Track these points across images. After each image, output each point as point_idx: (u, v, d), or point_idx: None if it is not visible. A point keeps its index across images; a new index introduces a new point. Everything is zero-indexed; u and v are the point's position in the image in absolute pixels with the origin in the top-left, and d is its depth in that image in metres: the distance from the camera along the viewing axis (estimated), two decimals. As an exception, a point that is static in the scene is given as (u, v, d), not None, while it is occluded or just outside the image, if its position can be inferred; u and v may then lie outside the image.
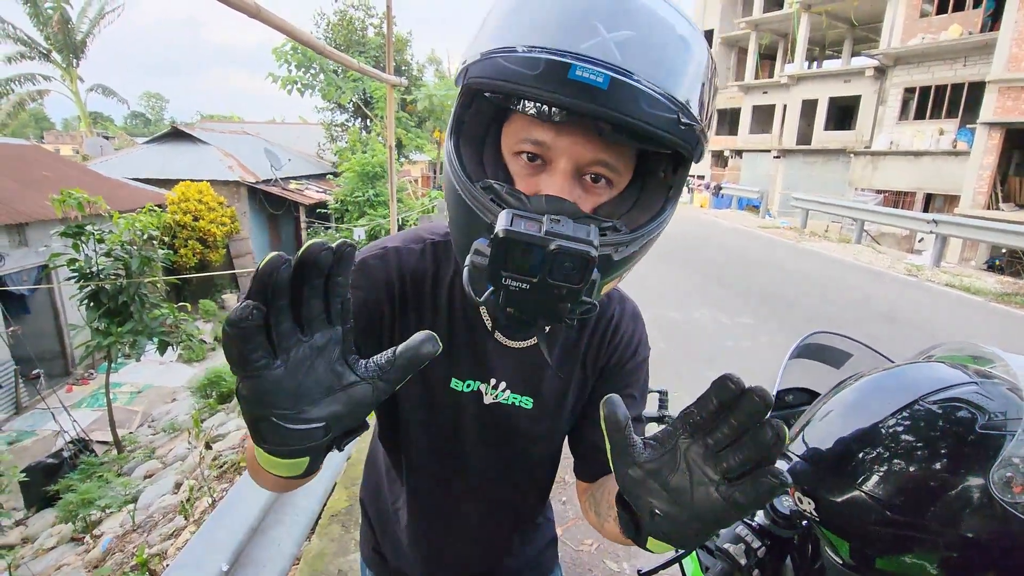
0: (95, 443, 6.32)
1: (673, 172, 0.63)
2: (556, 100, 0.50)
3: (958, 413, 0.65)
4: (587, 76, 0.48)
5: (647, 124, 0.50)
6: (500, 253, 0.48)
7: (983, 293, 6.99)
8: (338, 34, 16.51)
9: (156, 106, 65.78)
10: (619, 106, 0.49)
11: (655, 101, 0.50)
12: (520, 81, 0.51)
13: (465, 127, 0.61)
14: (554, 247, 0.47)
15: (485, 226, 0.55)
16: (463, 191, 0.57)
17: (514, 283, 0.50)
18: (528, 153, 0.58)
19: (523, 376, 0.75)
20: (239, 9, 1.73)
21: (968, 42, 13.67)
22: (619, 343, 0.78)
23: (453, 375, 0.74)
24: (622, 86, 0.49)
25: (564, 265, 0.48)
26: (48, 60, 20.48)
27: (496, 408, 0.76)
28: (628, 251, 0.57)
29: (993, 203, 12.27)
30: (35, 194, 8.45)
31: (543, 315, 0.53)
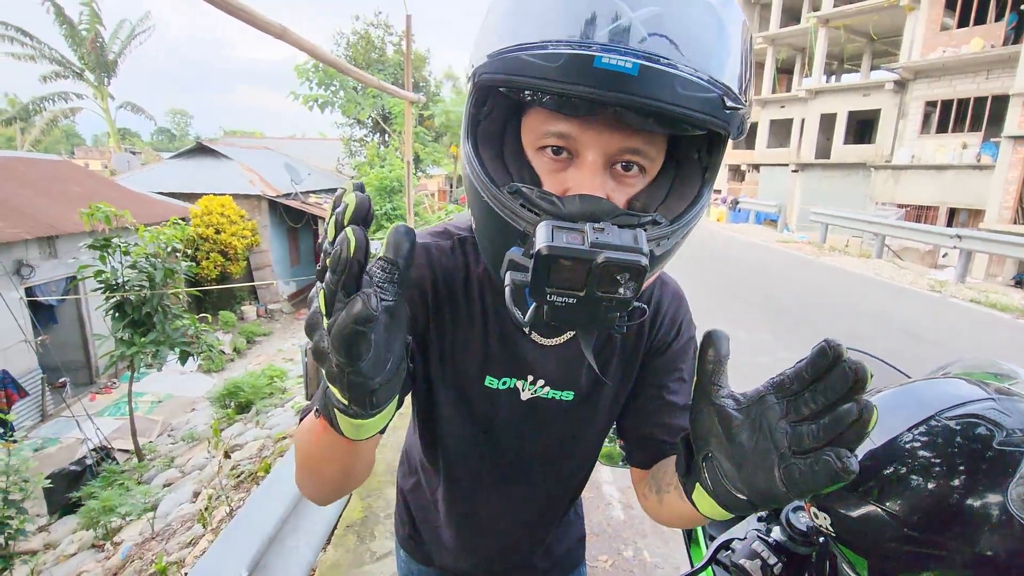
0: (117, 451, 6.44)
1: (708, 152, 0.59)
2: (581, 92, 0.45)
3: (976, 429, 0.65)
4: (614, 63, 0.44)
5: (686, 109, 0.46)
6: (544, 270, 0.45)
7: (1010, 310, 6.82)
8: (357, 52, 16.91)
9: (181, 122, 67.64)
10: (654, 92, 0.44)
11: (694, 84, 0.45)
12: (540, 75, 0.46)
13: (481, 126, 0.57)
14: (602, 260, 0.43)
15: (518, 234, 0.51)
16: (490, 198, 0.53)
17: (560, 299, 0.46)
18: (553, 147, 0.54)
19: (562, 372, 0.72)
20: (265, 31, 1.79)
21: (991, 55, 13.50)
22: (661, 325, 0.75)
23: (487, 373, 0.72)
24: (655, 70, 0.44)
25: (614, 277, 0.44)
26: (81, 79, 21.25)
27: (534, 403, 0.74)
28: (670, 244, 0.55)
29: (1020, 218, 12.01)
30: (65, 208, 8.73)
31: (592, 326, 0.49)
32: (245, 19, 1.62)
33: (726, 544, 0.98)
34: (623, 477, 2.87)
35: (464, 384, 0.73)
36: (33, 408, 7.79)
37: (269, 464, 3.41)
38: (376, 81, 3.64)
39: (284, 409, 5.76)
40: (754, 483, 0.41)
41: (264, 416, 5.85)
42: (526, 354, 0.71)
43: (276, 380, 7.10)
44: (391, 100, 15.33)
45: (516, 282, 0.48)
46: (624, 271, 0.44)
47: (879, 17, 17.43)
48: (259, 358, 10.26)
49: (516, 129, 0.58)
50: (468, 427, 0.76)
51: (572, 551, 1.01)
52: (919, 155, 15.18)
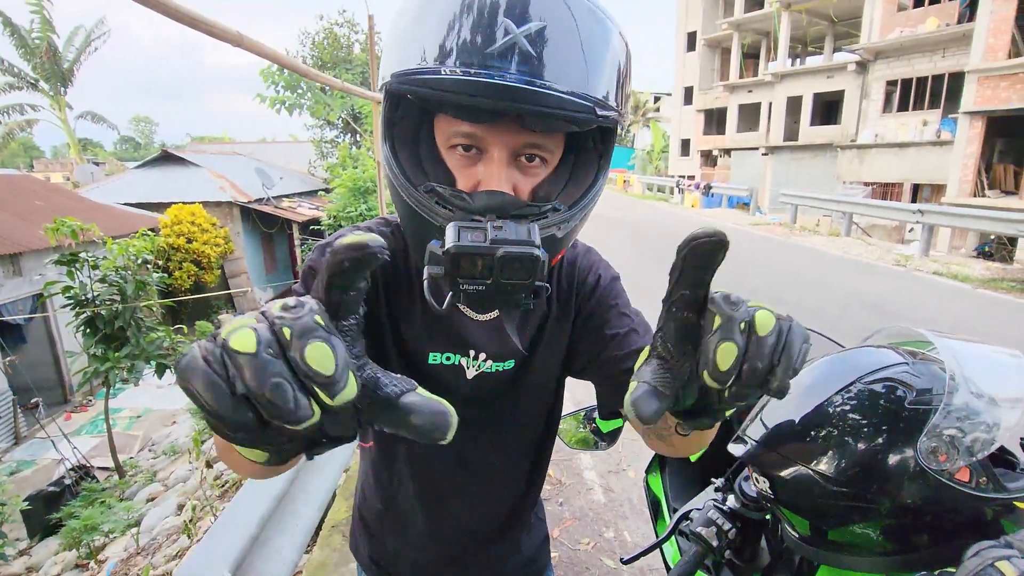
0: (96, 469, 6.32)
1: (602, 141, 0.67)
2: (477, 104, 0.52)
3: (892, 392, 0.71)
4: (504, 76, 0.51)
5: (569, 111, 0.53)
6: (453, 265, 0.52)
7: (970, 280, 7.08)
8: (324, 52, 16.65)
9: (146, 130, 65.90)
10: (539, 100, 0.52)
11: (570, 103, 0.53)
12: (440, 87, 0.53)
13: (396, 129, 0.63)
14: (501, 253, 0.51)
15: (435, 228, 0.58)
16: (409, 197, 0.60)
17: (471, 287, 0.53)
18: (463, 145, 0.60)
19: (500, 343, 0.77)
20: (222, 39, 1.79)
21: (946, 34, 13.89)
22: (579, 278, 0.80)
23: (430, 350, 0.76)
24: (539, 83, 0.52)
25: (513, 267, 0.51)
26: (36, 89, 20.55)
27: (480, 378, 0.78)
28: (570, 226, 0.62)
29: (979, 190, 12.43)
30: (28, 224, 8.48)
31: (501, 306, 0.58)
32: (201, 28, 1.62)
33: (687, 515, 1.04)
34: (603, 461, 2.94)
35: (408, 362, 0.77)
36: (5, 431, 7.60)
37: (253, 471, 3.40)
38: (339, 83, 3.62)
39: (266, 416, 5.71)
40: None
41: (246, 424, 5.79)
42: (464, 329, 0.76)
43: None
44: (361, 100, 15.16)
45: (432, 275, 0.54)
46: (520, 262, 0.51)
47: (839, 0, 17.79)
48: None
49: (429, 129, 0.64)
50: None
51: (539, 551, 1.02)
52: (882, 134, 15.58)
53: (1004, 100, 11.62)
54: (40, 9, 18.68)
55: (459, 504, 0.88)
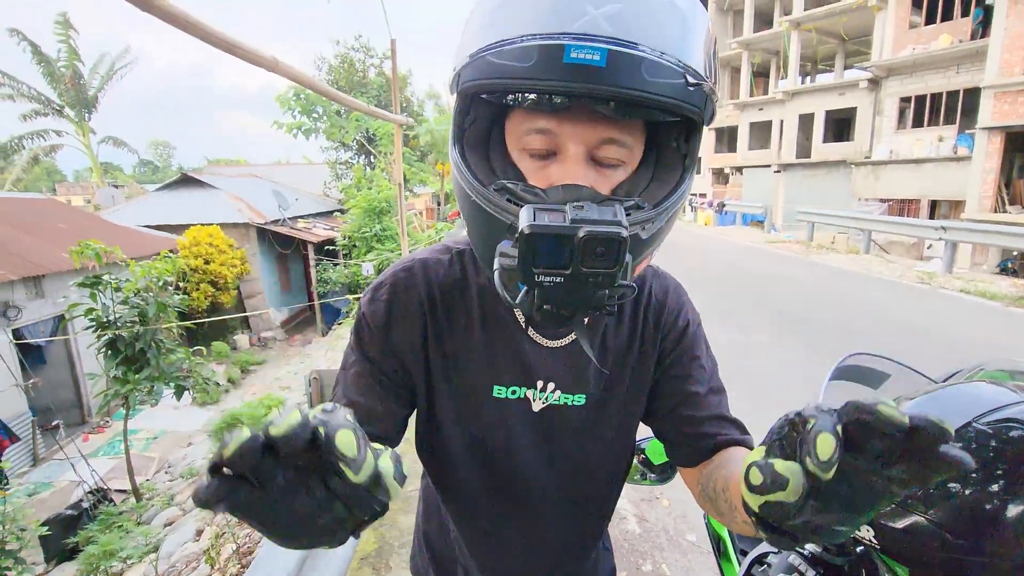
0: (113, 492, 6.30)
1: (686, 140, 0.61)
2: (555, 87, 0.49)
3: (1011, 433, 0.65)
4: (583, 57, 0.47)
5: (653, 94, 0.49)
6: (529, 250, 0.46)
7: (999, 298, 6.91)
8: (340, 76, 17.00)
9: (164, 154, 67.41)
10: (621, 80, 0.48)
11: (658, 67, 0.49)
12: (515, 75, 0.50)
13: (467, 134, 0.61)
14: (583, 234, 0.45)
15: (506, 227, 0.54)
16: (477, 196, 0.56)
17: (547, 278, 0.47)
18: (535, 148, 0.57)
19: (571, 373, 0.72)
20: (258, 64, 1.80)
21: (959, 50, 13.85)
22: (668, 319, 0.76)
23: (495, 383, 0.71)
24: (621, 59, 0.48)
25: (596, 251, 0.46)
26: (61, 116, 21.14)
27: (547, 412, 0.72)
28: (655, 227, 0.56)
29: (1000, 206, 12.24)
30: (51, 246, 8.63)
31: (581, 306, 0.50)
32: (238, 54, 1.63)
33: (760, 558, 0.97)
34: (636, 489, 2.85)
35: (472, 396, 0.72)
36: (24, 453, 7.62)
37: (274, 497, 3.34)
38: (364, 106, 3.66)
39: (284, 439, 5.67)
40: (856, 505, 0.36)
41: (264, 447, 5.75)
42: (532, 358, 0.71)
43: (273, 409, 7.01)
44: (375, 122, 15.39)
45: (504, 266, 0.49)
46: (605, 244, 0.45)
47: (849, 18, 17.85)
48: (254, 387, 10.14)
49: (500, 134, 0.61)
50: (479, 445, 0.74)
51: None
52: (897, 150, 15.46)
53: (1022, 115, 11.50)
54: (67, 39, 19.33)
55: (520, 543, 0.82)
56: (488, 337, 0.71)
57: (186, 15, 1.34)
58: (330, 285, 13.51)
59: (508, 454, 0.74)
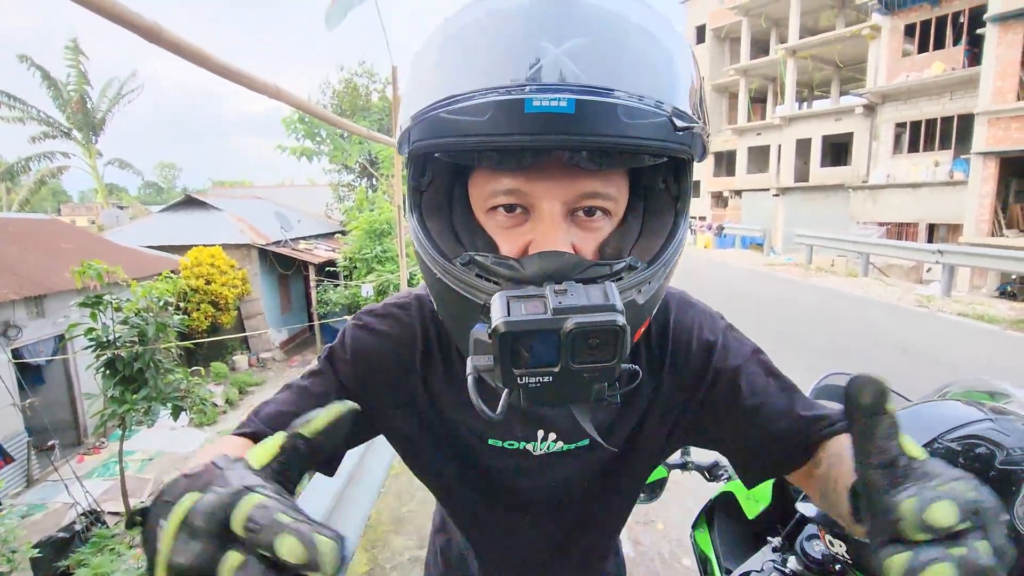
0: (107, 514, 6.23)
1: (675, 180, 0.54)
2: (518, 143, 0.42)
3: (977, 450, 0.67)
4: (546, 105, 0.40)
5: (635, 138, 0.42)
6: (505, 351, 0.39)
7: (997, 321, 6.92)
8: (343, 100, 17.30)
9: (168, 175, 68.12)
10: (596, 128, 0.41)
11: (637, 111, 0.42)
12: (471, 132, 0.42)
13: (425, 197, 0.53)
14: (571, 327, 0.38)
15: (479, 308, 0.46)
16: (443, 273, 0.49)
17: (532, 380, 0.40)
18: (504, 205, 0.49)
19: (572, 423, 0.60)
20: (261, 92, 1.85)
21: (952, 78, 14.11)
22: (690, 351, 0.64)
23: (491, 436, 0.64)
24: (593, 105, 0.40)
25: (589, 344, 0.38)
26: (69, 138, 21.47)
27: (547, 458, 0.66)
28: (652, 288, 0.49)
29: (997, 230, 12.32)
30: (54, 266, 8.69)
31: (578, 401, 0.43)
32: (242, 82, 1.68)
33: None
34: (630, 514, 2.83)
35: (465, 444, 0.66)
36: (18, 474, 7.55)
37: (268, 519, 3.32)
38: (365, 131, 3.74)
39: (280, 460, 5.63)
40: None
41: (260, 469, 5.70)
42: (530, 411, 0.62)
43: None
44: (377, 145, 15.61)
45: (479, 368, 0.43)
46: (599, 335, 0.38)
47: (843, 46, 18.23)
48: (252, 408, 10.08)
49: (463, 195, 0.54)
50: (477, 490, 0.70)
51: None
52: (894, 174, 15.63)
53: (1016, 141, 11.66)
54: (76, 64, 19.75)
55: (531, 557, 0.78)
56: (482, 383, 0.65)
57: (193, 46, 1.39)
58: (330, 306, 13.54)
59: (508, 493, 0.69)
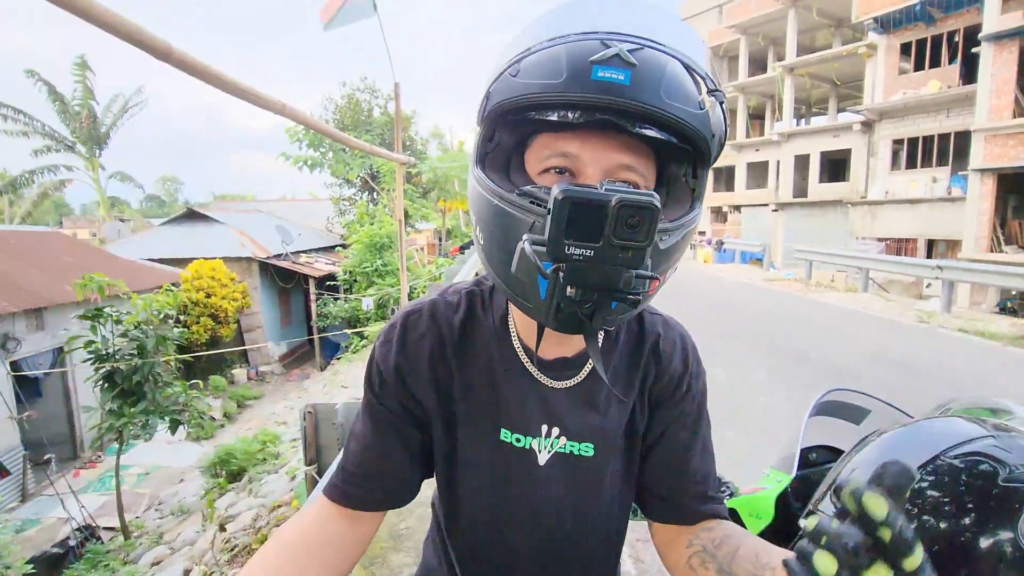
0: (101, 529, 6.16)
1: (693, 176, 0.63)
2: (583, 100, 0.52)
3: (980, 467, 0.67)
4: (607, 76, 0.50)
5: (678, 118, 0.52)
6: (561, 217, 0.46)
7: (998, 337, 6.91)
8: (345, 116, 17.47)
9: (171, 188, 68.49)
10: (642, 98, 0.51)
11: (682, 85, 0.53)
12: (543, 92, 0.53)
13: (488, 157, 0.62)
14: (617, 201, 0.46)
15: (528, 229, 0.54)
16: (501, 200, 0.56)
17: (577, 251, 0.47)
18: (556, 168, 0.58)
19: (578, 419, 0.71)
20: (266, 108, 1.88)
21: (949, 95, 14.26)
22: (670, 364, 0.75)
23: (503, 425, 0.70)
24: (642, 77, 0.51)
25: (629, 221, 0.46)
26: (72, 152, 21.65)
27: (553, 462, 0.71)
28: (672, 240, 0.57)
29: (996, 246, 12.36)
30: (54, 279, 8.71)
31: (606, 287, 0.50)
32: (248, 98, 1.71)
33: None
34: (631, 529, 2.79)
35: (479, 439, 0.72)
36: (13, 488, 7.48)
37: (266, 535, 3.29)
38: (368, 146, 3.78)
39: (278, 475, 5.58)
40: None
41: (258, 484, 5.66)
42: (539, 401, 0.70)
43: (269, 444, 6.91)
44: (379, 160, 15.73)
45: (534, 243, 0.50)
46: (639, 211, 0.46)
47: (840, 64, 18.45)
48: (250, 422, 10.03)
49: (520, 159, 0.62)
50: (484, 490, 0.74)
51: None
52: (892, 190, 15.73)
53: (1013, 158, 11.75)
54: (83, 79, 19.99)
55: None
56: (494, 379, 0.71)
57: (202, 65, 1.41)
58: (330, 319, 13.54)
59: (514, 502, 0.73)
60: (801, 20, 19.91)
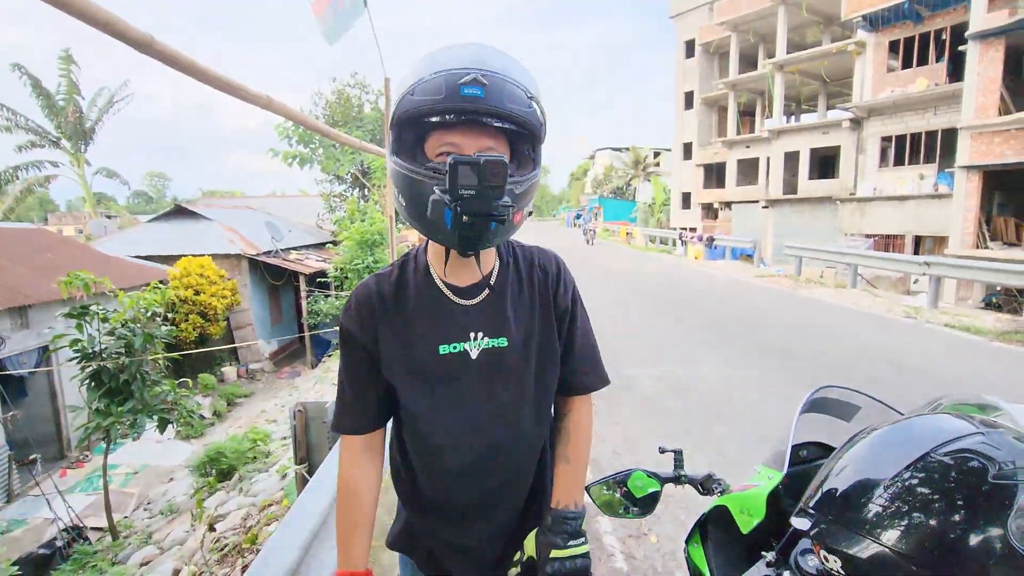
0: (89, 530, 6.09)
1: (533, 150, 0.95)
2: (456, 107, 0.82)
3: (969, 464, 0.67)
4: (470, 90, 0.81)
5: (515, 109, 0.84)
6: (454, 173, 0.80)
7: (983, 332, 7.00)
8: (335, 111, 17.32)
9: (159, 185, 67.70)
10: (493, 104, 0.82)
11: (515, 97, 0.84)
12: (433, 104, 0.83)
13: (399, 149, 0.90)
14: (483, 160, 0.80)
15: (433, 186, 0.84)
16: (412, 173, 0.86)
17: (465, 192, 0.81)
18: (446, 152, 0.87)
19: (491, 322, 1.01)
20: (252, 102, 1.85)
21: (936, 93, 14.39)
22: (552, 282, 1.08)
23: (439, 343, 0.99)
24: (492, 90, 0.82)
25: (492, 170, 0.80)
26: (57, 147, 21.31)
27: (483, 357, 1.00)
28: (522, 188, 0.89)
29: (981, 242, 12.52)
30: (39, 276, 8.57)
31: (485, 212, 0.82)
32: (234, 93, 1.68)
33: (738, 592, 0.97)
34: (623, 526, 2.81)
35: (424, 358, 0.99)
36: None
37: (256, 534, 3.26)
38: (356, 141, 3.74)
39: (269, 474, 5.54)
40: None
41: (248, 483, 5.61)
42: (461, 317, 1.01)
43: (260, 443, 6.85)
44: (370, 156, 15.62)
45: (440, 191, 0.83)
46: (497, 165, 0.81)
47: (829, 62, 18.56)
48: (240, 420, 9.95)
49: (422, 147, 0.91)
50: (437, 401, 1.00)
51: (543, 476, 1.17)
52: (880, 187, 15.87)
53: (999, 155, 11.89)
54: (68, 73, 19.67)
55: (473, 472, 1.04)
56: (426, 311, 1.00)
57: (186, 58, 1.39)
58: (321, 317, 13.44)
59: (460, 400, 1.01)
60: (791, 17, 20.00)
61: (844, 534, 0.69)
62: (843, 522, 0.69)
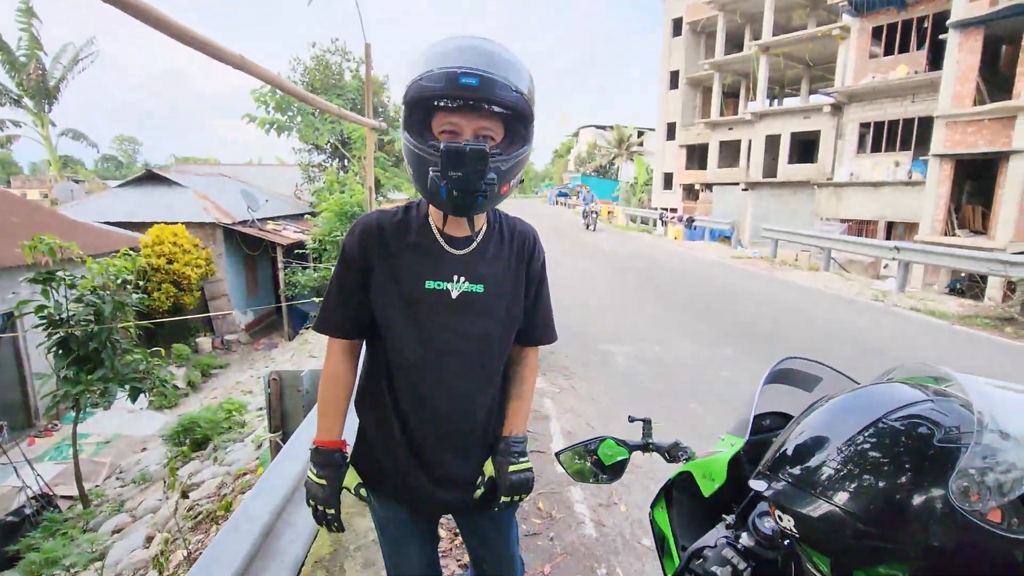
0: (59, 498, 6.02)
1: (524, 129, 1.10)
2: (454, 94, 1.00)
3: (918, 429, 0.70)
4: (467, 82, 0.99)
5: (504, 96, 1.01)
6: (445, 160, 1.01)
7: (946, 316, 7.25)
8: (315, 78, 16.81)
9: (129, 150, 65.29)
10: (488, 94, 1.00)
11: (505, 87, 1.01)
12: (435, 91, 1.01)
13: (412, 125, 1.06)
14: (468, 149, 1.00)
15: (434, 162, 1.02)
16: (418, 149, 1.04)
17: (454, 173, 1.01)
18: (448, 130, 1.06)
19: (471, 271, 1.19)
20: (226, 61, 1.78)
21: (915, 80, 14.57)
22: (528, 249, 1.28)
23: (426, 277, 1.17)
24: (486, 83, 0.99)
25: (475, 158, 1.00)
26: (19, 106, 20.32)
27: (461, 297, 1.18)
28: (508, 164, 1.07)
29: (950, 229, 12.87)
30: (2, 241, 8.26)
31: (471, 189, 1.02)
32: (206, 51, 1.62)
33: (698, 552, 1.01)
34: (594, 495, 2.89)
35: (411, 287, 1.17)
36: (-36, 456, 7.21)
37: (230, 502, 3.27)
38: (336, 108, 3.64)
39: (244, 444, 5.53)
40: None
41: (223, 452, 5.59)
42: (448, 262, 1.19)
43: (235, 414, 6.81)
44: (350, 125, 15.26)
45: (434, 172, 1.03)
46: (479, 153, 1.01)
47: (814, 46, 18.59)
48: (215, 391, 9.85)
49: (428, 125, 1.08)
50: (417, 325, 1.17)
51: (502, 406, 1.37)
52: (857, 173, 16.13)
53: (971, 144, 12.15)
54: (28, 27, 18.64)
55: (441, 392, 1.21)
56: (420, 250, 1.19)
57: (153, 9, 1.33)
58: (298, 288, 13.26)
59: (436, 328, 1.18)
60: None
61: (797, 495, 0.73)
62: (797, 483, 0.73)
